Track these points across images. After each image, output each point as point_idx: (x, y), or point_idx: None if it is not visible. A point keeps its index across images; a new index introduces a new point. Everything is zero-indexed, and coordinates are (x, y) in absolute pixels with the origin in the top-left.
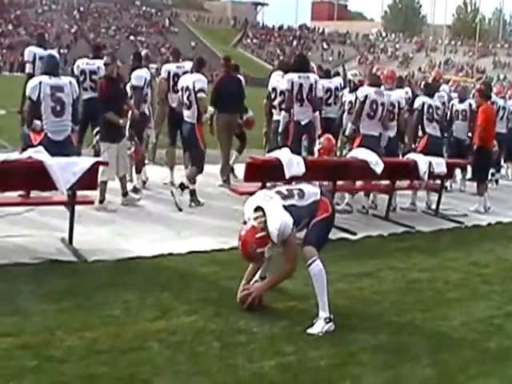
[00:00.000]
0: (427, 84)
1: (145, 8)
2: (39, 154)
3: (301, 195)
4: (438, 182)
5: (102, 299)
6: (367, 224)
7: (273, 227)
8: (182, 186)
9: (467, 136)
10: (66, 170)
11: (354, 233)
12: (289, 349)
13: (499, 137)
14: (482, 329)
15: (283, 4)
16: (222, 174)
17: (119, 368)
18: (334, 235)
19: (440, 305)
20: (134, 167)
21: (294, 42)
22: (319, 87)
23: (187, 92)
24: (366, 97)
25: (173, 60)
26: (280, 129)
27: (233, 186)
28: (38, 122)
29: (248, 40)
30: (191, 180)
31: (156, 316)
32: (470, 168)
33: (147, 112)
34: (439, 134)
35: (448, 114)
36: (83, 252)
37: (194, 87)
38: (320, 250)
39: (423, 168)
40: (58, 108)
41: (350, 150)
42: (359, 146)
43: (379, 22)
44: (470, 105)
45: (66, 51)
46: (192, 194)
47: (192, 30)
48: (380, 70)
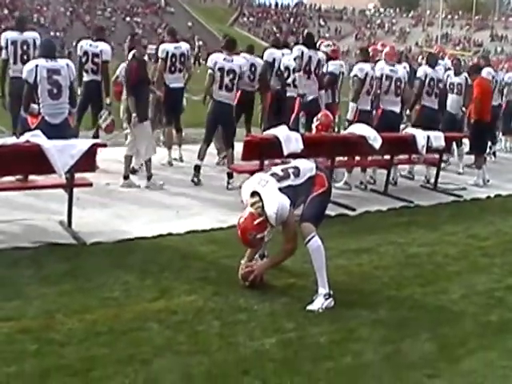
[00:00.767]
0: (429, 54)
1: None
2: (37, 138)
3: (296, 173)
4: (437, 156)
5: (102, 281)
6: (366, 199)
7: (270, 211)
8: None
9: (461, 110)
10: (64, 153)
11: (353, 208)
12: (289, 326)
13: (492, 109)
14: (483, 302)
15: None
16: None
17: (119, 349)
18: (333, 211)
19: (440, 278)
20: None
21: (291, 20)
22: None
23: (231, 75)
24: (367, 74)
25: (170, 40)
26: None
27: (231, 165)
28: (35, 106)
29: (244, 18)
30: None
31: (155, 296)
32: (468, 141)
33: None
34: (436, 107)
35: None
36: (82, 235)
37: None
38: (318, 226)
39: (421, 142)
40: (55, 91)
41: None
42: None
43: None
44: (466, 78)
45: (63, 34)
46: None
47: (188, 10)
48: (383, 47)
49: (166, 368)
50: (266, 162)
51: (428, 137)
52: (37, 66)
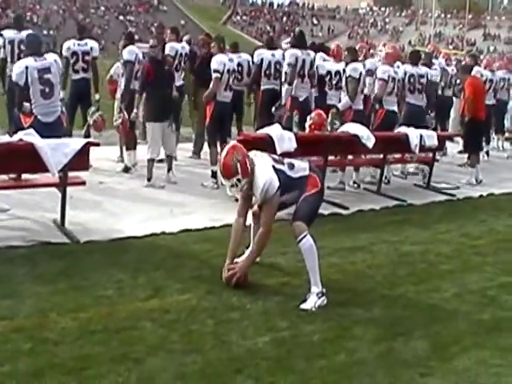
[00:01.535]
0: (412, 52)
1: None
2: (30, 137)
3: (291, 167)
4: (430, 155)
5: (95, 280)
6: (359, 198)
7: (259, 181)
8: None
9: None
10: (57, 152)
11: (346, 207)
12: (282, 324)
13: (487, 108)
14: (475, 300)
15: None
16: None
17: (113, 348)
18: (326, 210)
19: (433, 277)
20: (124, 144)
21: (284, 19)
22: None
23: (233, 75)
24: (361, 74)
25: (174, 39)
26: (283, 101)
27: None
28: (28, 105)
29: (237, 17)
30: None
31: (149, 295)
32: (462, 140)
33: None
34: (421, 103)
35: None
36: (76, 233)
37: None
38: (310, 226)
39: (414, 141)
40: (47, 90)
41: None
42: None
43: None
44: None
45: (55, 32)
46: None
47: (181, 8)
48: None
49: (160, 367)
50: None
51: (421, 136)
52: (27, 68)
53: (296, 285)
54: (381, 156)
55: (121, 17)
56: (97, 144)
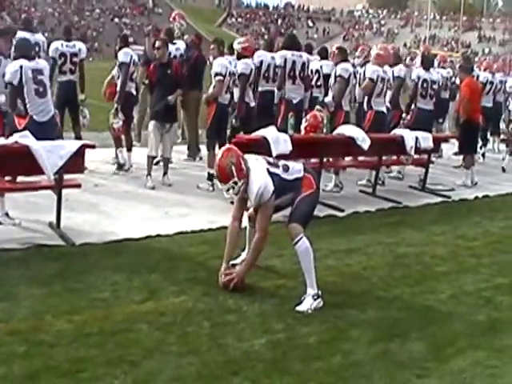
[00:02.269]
0: (424, 57)
1: None
2: (25, 139)
3: (285, 169)
4: (425, 157)
5: (91, 282)
6: (355, 200)
7: (254, 186)
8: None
9: None
10: (53, 154)
11: (342, 209)
12: (278, 326)
13: (485, 111)
14: (471, 302)
15: None
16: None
17: (108, 350)
18: (322, 212)
19: (428, 279)
20: (114, 144)
21: (279, 21)
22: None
23: (233, 77)
24: (350, 74)
25: (168, 40)
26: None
27: None
28: (21, 107)
29: (233, 19)
30: None
31: (144, 297)
32: (457, 142)
33: (133, 91)
34: (431, 108)
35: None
36: (71, 236)
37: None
38: (306, 227)
39: (410, 143)
40: (41, 89)
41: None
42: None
43: None
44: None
45: (51, 35)
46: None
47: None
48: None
49: (156, 369)
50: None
51: (416, 138)
52: (21, 67)
53: (292, 287)
54: (376, 158)
55: (116, 19)
56: (92, 146)
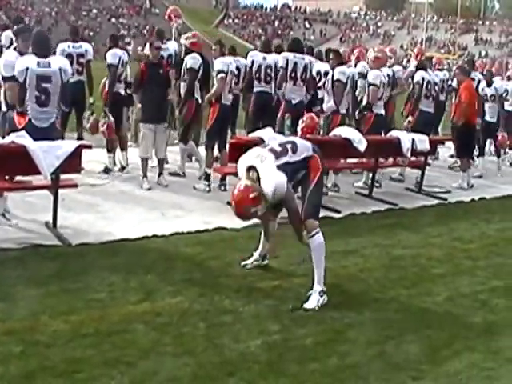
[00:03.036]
0: (426, 58)
1: None
2: (22, 139)
3: (294, 149)
4: (422, 159)
5: (87, 283)
6: (351, 202)
7: (267, 188)
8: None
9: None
10: (50, 154)
11: (338, 211)
12: (274, 328)
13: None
14: (467, 304)
15: None
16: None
17: (104, 351)
18: None
19: (424, 281)
20: (106, 146)
21: (276, 22)
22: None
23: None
24: (348, 78)
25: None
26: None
27: (216, 167)
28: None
29: (230, 20)
30: None
31: (141, 298)
32: (454, 144)
33: (122, 92)
34: (432, 110)
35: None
36: (67, 236)
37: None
38: (319, 218)
39: (406, 145)
40: (43, 98)
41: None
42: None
43: (361, 0)
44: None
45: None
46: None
47: None
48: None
49: (152, 370)
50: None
51: (413, 139)
52: (27, 69)
53: (288, 288)
54: (373, 160)
55: (113, 19)
56: (89, 146)
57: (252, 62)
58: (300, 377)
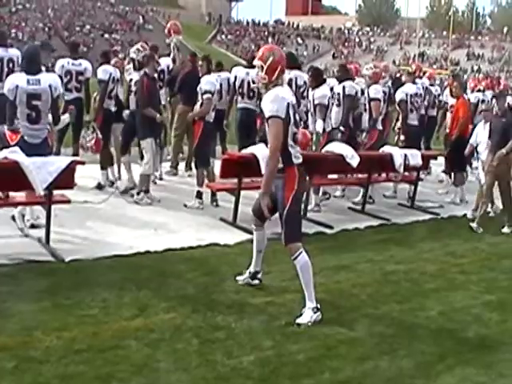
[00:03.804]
0: (408, 74)
1: (119, 6)
2: (15, 155)
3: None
4: (414, 174)
5: (80, 298)
6: (344, 217)
7: (269, 96)
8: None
9: None
10: (42, 170)
11: (331, 226)
12: (267, 343)
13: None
14: (460, 318)
15: None
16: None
17: (97, 367)
18: (311, 229)
19: (417, 296)
20: (100, 163)
21: (269, 38)
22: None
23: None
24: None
25: None
26: None
27: (209, 183)
28: (16, 123)
29: (223, 36)
30: None
31: (134, 314)
32: (446, 159)
33: (112, 108)
34: (417, 123)
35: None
36: (60, 252)
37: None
38: (301, 238)
39: (399, 160)
40: (34, 115)
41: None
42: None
43: (353, 16)
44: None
45: (41, 50)
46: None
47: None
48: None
49: None
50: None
51: (405, 155)
52: (17, 87)
53: (280, 304)
54: (365, 175)
55: (106, 35)
56: (82, 162)
57: (235, 78)
58: None
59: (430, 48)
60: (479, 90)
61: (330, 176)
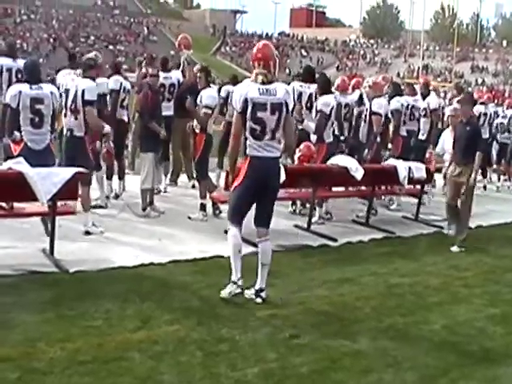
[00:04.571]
0: (408, 84)
1: (124, 17)
2: (19, 165)
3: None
4: (418, 187)
5: (84, 310)
6: (348, 230)
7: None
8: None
9: None
10: (47, 181)
11: (335, 239)
12: (271, 356)
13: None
14: (463, 332)
15: (262, 11)
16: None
17: (101, 378)
18: (315, 242)
19: (421, 309)
20: (117, 172)
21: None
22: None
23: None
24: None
25: (161, 69)
26: None
27: (214, 195)
28: (18, 134)
29: (227, 48)
30: None
31: (137, 326)
32: None
33: (126, 119)
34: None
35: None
36: (64, 263)
37: None
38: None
39: (403, 173)
40: (37, 120)
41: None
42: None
43: (357, 29)
44: None
45: (45, 61)
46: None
47: (171, 39)
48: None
49: None
50: None
51: (409, 168)
52: (20, 93)
53: (284, 316)
54: (370, 188)
55: (110, 46)
56: (87, 174)
57: (227, 93)
58: None
59: (434, 60)
60: (482, 103)
61: (335, 189)
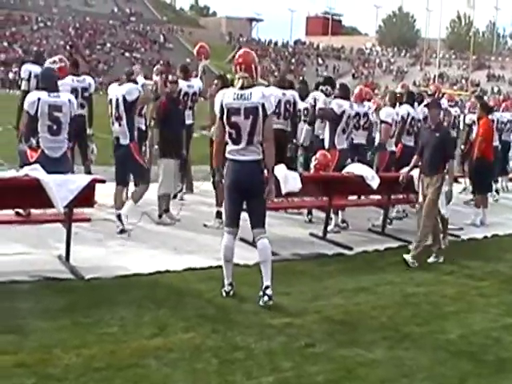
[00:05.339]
0: (410, 93)
1: (140, 24)
2: (35, 172)
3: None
4: None
5: (99, 316)
6: (363, 239)
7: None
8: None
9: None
10: (63, 188)
11: (351, 248)
12: (286, 364)
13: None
14: (480, 341)
15: (278, 19)
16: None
17: None
18: (331, 250)
19: (437, 318)
20: None
21: (289, 58)
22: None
23: None
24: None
25: (182, 77)
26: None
27: None
28: (34, 140)
29: None
30: None
31: (153, 333)
32: (469, 181)
33: (143, 127)
34: (413, 144)
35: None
36: (80, 269)
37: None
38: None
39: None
40: (55, 127)
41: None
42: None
43: (373, 37)
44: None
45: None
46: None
47: (187, 46)
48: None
49: None
50: None
51: None
52: (39, 100)
53: (299, 325)
54: (385, 197)
55: (126, 53)
56: (102, 181)
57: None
58: None
59: (450, 69)
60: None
61: (350, 197)
